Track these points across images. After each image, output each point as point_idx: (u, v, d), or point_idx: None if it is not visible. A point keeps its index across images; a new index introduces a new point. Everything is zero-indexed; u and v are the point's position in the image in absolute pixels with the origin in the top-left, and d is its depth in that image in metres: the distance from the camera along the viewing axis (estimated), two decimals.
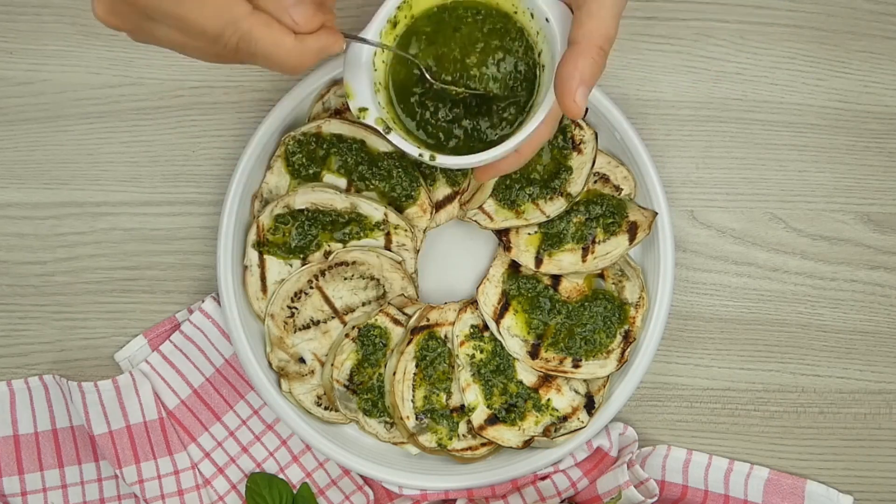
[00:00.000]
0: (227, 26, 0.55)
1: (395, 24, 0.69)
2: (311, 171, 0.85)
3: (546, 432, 0.84)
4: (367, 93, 0.67)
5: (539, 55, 0.69)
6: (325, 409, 0.86)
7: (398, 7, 0.68)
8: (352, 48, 0.67)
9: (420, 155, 0.68)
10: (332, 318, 0.85)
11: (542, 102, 0.66)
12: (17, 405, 0.88)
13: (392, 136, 0.67)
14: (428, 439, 0.84)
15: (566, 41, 0.64)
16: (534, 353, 0.84)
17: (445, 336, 0.85)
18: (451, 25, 0.70)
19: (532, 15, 0.68)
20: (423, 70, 0.69)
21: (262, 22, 0.56)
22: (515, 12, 0.69)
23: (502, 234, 0.86)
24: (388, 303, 0.85)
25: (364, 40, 0.66)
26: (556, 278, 0.85)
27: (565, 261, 0.85)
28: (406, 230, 0.85)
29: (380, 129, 0.67)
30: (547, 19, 0.66)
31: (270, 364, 0.86)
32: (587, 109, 0.67)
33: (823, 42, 0.89)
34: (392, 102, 0.71)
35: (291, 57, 0.58)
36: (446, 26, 0.70)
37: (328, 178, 0.85)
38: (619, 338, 0.85)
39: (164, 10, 0.55)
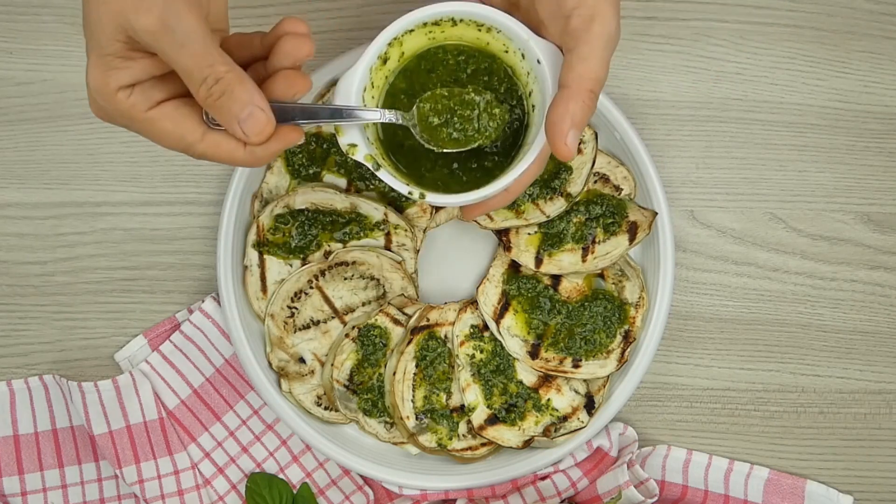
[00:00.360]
0: (185, 150, 0.61)
1: (385, 61, 0.69)
2: (311, 171, 0.85)
3: (546, 432, 0.84)
4: (355, 129, 0.67)
5: (529, 94, 0.69)
6: (325, 409, 0.86)
7: (389, 43, 0.68)
8: (340, 84, 0.67)
9: (409, 193, 0.68)
10: (332, 318, 0.85)
11: (534, 142, 0.66)
12: (17, 405, 0.88)
13: (381, 174, 0.67)
14: (428, 439, 0.84)
15: (557, 82, 0.65)
16: (534, 353, 0.84)
17: (445, 336, 0.85)
18: (435, 66, 0.71)
19: (523, 55, 0.68)
20: (414, 132, 0.70)
21: (211, 145, 0.61)
22: (506, 52, 0.69)
23: (502, 234, 0.86)
24: (388, 303, 0.85)
25: (340, 110, 0.66)
26: (556, 278, 0.85)
27: (565, 261, 0.85)
28: (406, 230, 0.85)
29: (369, 165, 0.67)
30: (538, 61, 0.66)
31: (270, 364, 0.86)
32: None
33: (823, 42, 0.89)
34: (380, 139, 0.71)
35: (247, 163, 0.62)
36: (432, 67, 0.70)
37: (328, 178, 0.86)
38: (619, 338, 0.85)
39: (136, 131, 0.61)
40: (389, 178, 0.68)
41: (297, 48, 0.63)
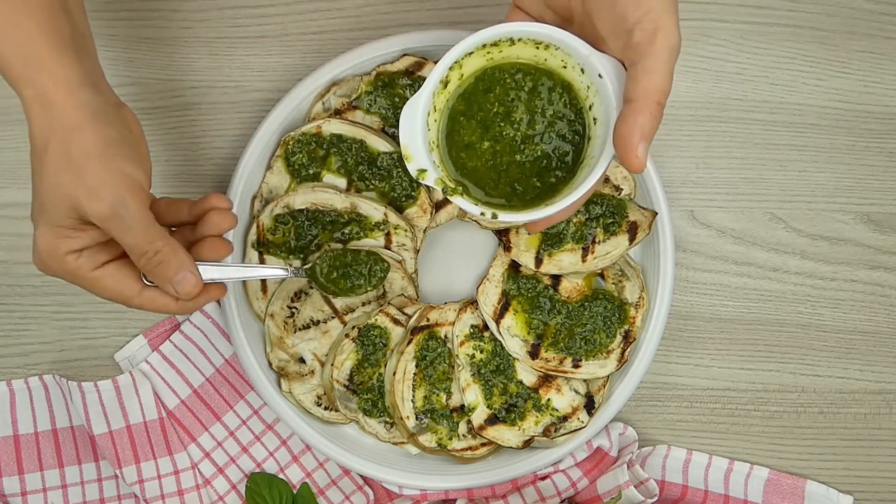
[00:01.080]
0: (124, 303, 0.70)
1: (445, 84, 0.70)
2: (311, 171, 0.85)
3: (546, 432, 0.84)
4: (423, 153, 0.69)
5: (590, 108, 0.70)
6: (325, 409, 0.86)
7: (449, 68, 0.69)
8: (405, 111, 0.69)
9: (482, 214, 0.69)
10: (332, 318, 0.85)
11: (601, 157, 0.66)
12: (17, 405, 0.88)
13: (455, 198, 0.69)
14: (428, 439, 0.84)
15: (620, 95, 0.65)
16: (534, 353, 0.84)
17: (445, 336, 0.85)
18: (492, 86, 0.71)
19: (582, 70, 0.68)
20: (317, 286, 0.78)
21: (148, 300, 0.70)
22: (564, 67, 0.69)
23: (502, 234, 0.86)
24: (388, 303, 0.85)
25: (253, 268, 0.77)
26: (556, 278, 0.85)
27: (565, 261, 0.85)
28: (406, 230, 0.85)
29: (439, 189, 0.68)
30: (600, 75, 0.66)
31: (270, 364, 0.86)
32: None
33: (823, 42, 0.89)
34: (443, 161, 0.72)
35: (178, 313, 0.74)
36: (490, 86, 0.71)
37: (328, 178, 0.85)
38: (619, 338, 0.85)
39: (79, 286, 0.69)
40: (462, 201, 0.69)
41: (222, 221, 0.73)
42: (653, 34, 0.62)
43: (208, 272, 0.72)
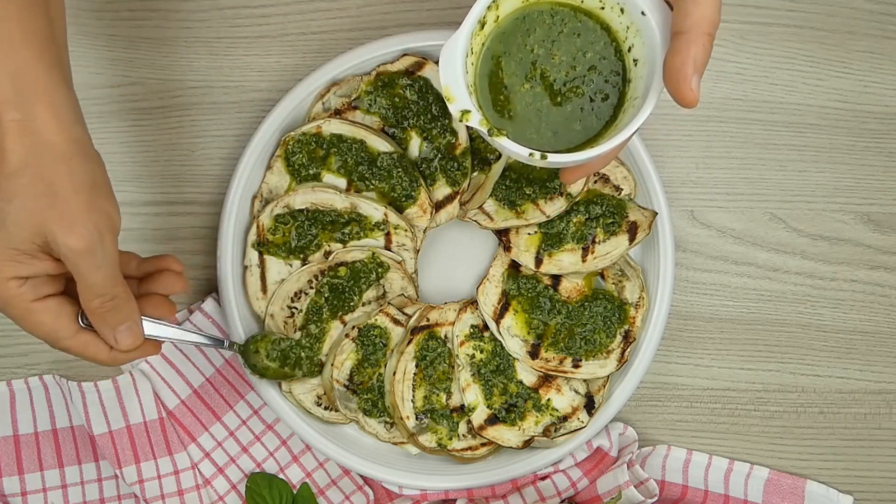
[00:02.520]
0: (52, 343, 0.67)
1: (483, 25, 0.69)
2: (311, 171, 0.85)
3: (546, 432, 0.84)
4: (465, 95, 0.67)
5: (629, 50, 0.69)
6: (325, 409, 0.86)
7: (487, 7, 0.68)
8: (444, 52, 0.67)
9: (531, 155, 0.67)
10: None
11: (648, 96, 0.65)
12: (17, 405, 0.88)
13: (499, 139, 0.67)
14: (428, 439, 0.84)
15: (665, 32, 0.65)
16: (534, 353, 0.84)
17: (445, 336, 0.85)
18: (531, 27, 0.70)
19: (622, 10, 0.68)
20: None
21: (81, 344, 0.67)
22: (602, 8, 0.69)
23: (502, 234, 0.86)
24: (388, 303, 0.85)
25: (193, 333, 0.76)
26: (556, 278, 0.85)
27: (565, 261, 0.85)
28: (406, 230, 0.85)
29: (483, 130, 0.67)
30: (643, 13, 0.66)
31: None
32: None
33: (823, 42, 0.89)
34: (482, 106, 0.70)
35: (105, 364, 0.70)
36: (528, 28, 0.70)
37: (328, 178, 0.85)
38: (619, 338, 0.85)
39: (8, 315, 0.67)
40: (508, 142, 0.67)
41: (175, 283, 0.74)
42: None
43: (148, 328, 0.71)
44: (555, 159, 0.67)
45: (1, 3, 0.62)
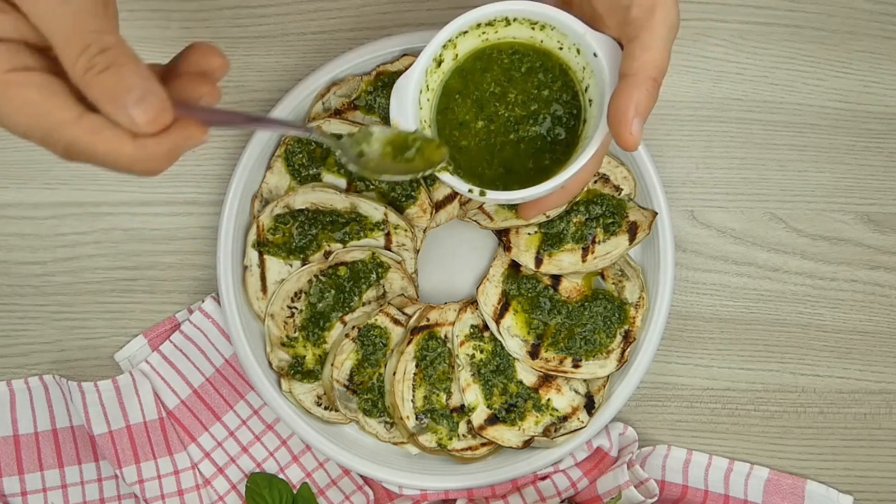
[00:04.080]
0: (49, 134, 0.47)
1: (439, 63, 0.70)
2: (311, 171, 0.85)
3: (546, 432, 0.84)
4: (412, 129, 0.68)
5: (585, 90, 0.69)
6: (325, 409, 0.86)
7: (443, 46, 0.69)
8: (397, 87, 0.67)
9: (470, 191, 0.68)
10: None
11: (593, 136, 0.66)
12: (17, 405, 0.88)
13: (441, 175, 0.68)
14: (428, 439, 0.84)
15: (616, 75, 0.65)
16: (534, 353, 0.84)
17: (445, 336, 0.85)
18: (489, 66, 0.71)
19: (578, 51, 0.68)
20: (332, 149, 0.65)
21: (88, 129, 0.47)
22: (560, 48, 0.69)
23: (502, 234, 0.86)
24: (388, 303, 0.85)
25: (257, 119, 0.59)
26: (556, 278, 0.85)
27: (565, 261, 0.85)
28: (406, 230, 0.85)
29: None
30: (595, 54, 0.66)
31: (270, 364, 0.86)
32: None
33: (823, 42, 0.89)
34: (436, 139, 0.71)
35: (134, 165, 0.48)
36: (487, 66, 0.71)
37: (328, 178, 0.86)
38: (619, 338, 0.85)
39: None
40: (449, 178, 0.68)
41: (208, 57, 0.53)
42: (651, 10, 0.62)
43: (188, 111, 0.50)
44: (493, 196, 0.68)
45: None
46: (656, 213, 0.84)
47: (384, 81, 0.85)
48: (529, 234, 0.85)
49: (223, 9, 0.89)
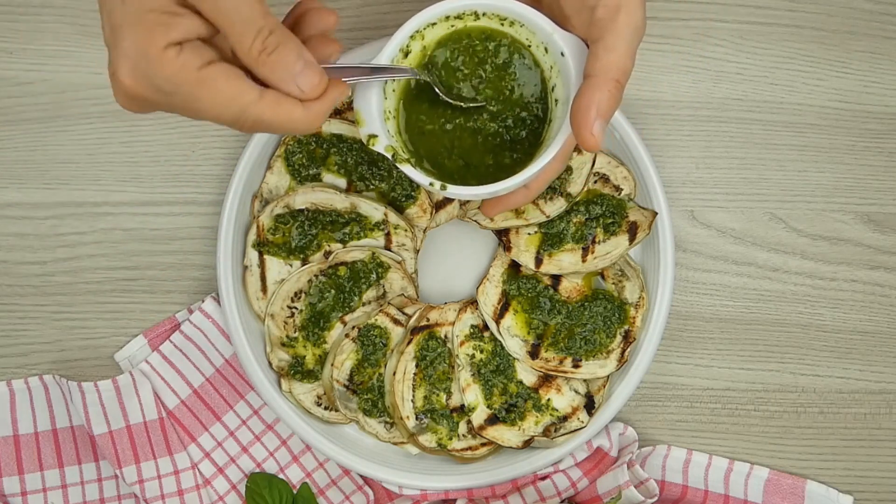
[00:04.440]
0: (240, 115, 0.56)
1: (406, 54, 0.69)
2: (311, 171, 0.85)
3: (546, 432, 0.84)
4: (377, 120, 0.67)
5: (552, 89, 0.69)
6: (325, 409, 0.86)
7: (410, 36, 0.68)
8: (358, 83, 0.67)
9: (431, 184, 0.67)
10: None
11: (556, 136, 0.66)
12: (17, 405, 0.88)
13: (402, 166, 0.67)
14: (428, 439, 0.84)
15: (581, 75, 0.65)
16: (534, 353, 0.84)
17: (445, 336, 0.85)
18: (453, 57, 0.71)
19: (546, 49, 0.68)
20: (433, 84, 0.69)
21: (270, 104, 0.56)
22: (529, 45, 0.69)
23: (502, 234, 0.86)
24: (388, 303, 0.85)
25: (377, 69, 0.65)
26: (556, 278, 0.85)
27: (565, 261, 0.85)
28: (406, 230, 0.85)
29: (389, 156, 0.67)
30: (562, 53, 0.66)
31: (270, 364, 0.86)
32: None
33: (823, 42, 0.89)
34: (401, 131, 0.71)
35: (303, 125, 0.58)
36: (460, 55, 0.70)
37: (328, 178, 0.86)
38: (619, 338, 0.85)
39: (179, 108, 0.57)
40: (410, 170, 0.67)
41: (323, 18, 0.62)
42: (615, 11, 0.62)
43: (330, 71, 0.60)
44: (454, 191, 0.67)
45: None
46: (656, 213, 0.84)
47: None
48: (529, 234, 0.85)
49: None
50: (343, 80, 0.61)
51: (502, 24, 0.69)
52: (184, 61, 0.54)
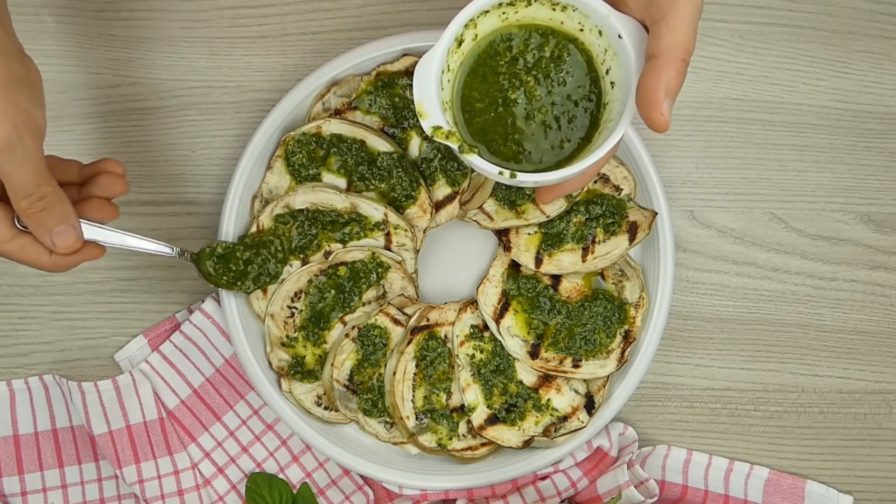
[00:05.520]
0: None
1: (460, 43, 0.69)
2: (311, 171, 0.85)
3: (546, 432, 0.84)
4: (438, 111, 0.67)
5: (607, 73, 0.69)
6: (325, 409, 0.86)
7: (465, 25, 0.68)
8: (419, 69, 0.67)
9: (500, 173, 0.67)
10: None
11: (621, 119, 0.65)
12: (17, 405, 0.88)
13: (469, 156, 0.67)
14: (428, 439, 0.84)
15: (641, 56, 0.65)
16: (534, 353, 0.84)
17: (445, 336, 0.85)
18: (506, 48, 0.71)
19: (601, 32, 0.68)
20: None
21: (20, 247, 0.66)
22: (581, 30, 0.69)
23: (502, 234, 0.86)
24: (388, 303, 0.85)
25: (138, 239, 0.76)
26: (556, 278, 0.85)
27: (565, 261, 0.85)
28: (406, 230, 0.85)
29: (455, 147, 0.67)
30: (619, 36, 0.66)
31: (270, 364, 0.86)
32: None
33: (823, 42, 0.89)
34: (457, 122, 0.70)
35: (49, 269, 0.69)
36: (504, 47, 0.70)
37: (328, 178, 0.85)
38: (619, 338, 0.85)
39: None
40: (477, 159, 0.67)
41: (113, 185, 0.72)
42: None
43: (89, 232, 0.70)
44: (524, 178, 0.67)
45: None
46: (656, 213, 0.84)
47: (384, 81, 0.85)
48: (529, 234, 0.85)
49: (223, 9, 0.89)
50: (102, 243, 0.71)
51: (553, 10, 0.68)
52: None
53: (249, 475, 0.89)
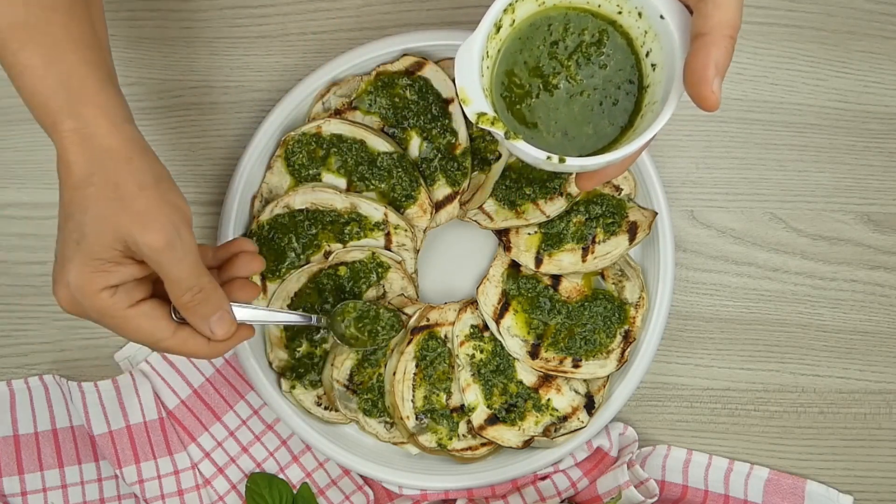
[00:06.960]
0: (154, 345, 0.67)
1: (498, 29, 0.69)
2: (311, 171, 0.85)
3: (546, 432, 0.84)
4: (481, 98, 0.66)
5: (647, 55, 0.69)
6: (325, 409, 0.86)
7: (504, 10, 0.68)
8: (459, 56, 0.66)
9: (548, 158, 0.66)
10: None
11: (669, 99, 0.65)
12: (17, 405, 0.88)
13: (515, 142, 0.66)
14: (428, 439, 0.84)
15: (685, 36, 0.64)
16: (534, 353, 0.84)
17: (445, 336, 0.85)
18: (544, 32, 0.70)
19: (640, 14, 0.67)
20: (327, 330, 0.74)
21: (179, 342, 0.68)
22: (619, 12, 0.68)
23: (502, 234, 0.86)
24: (389, 303, 0.85)
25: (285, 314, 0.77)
26: (556, 278, 0.85)
27: (565, 261, 0.85)
28: (406, 230, 0.85)
29: (500, 133, 0.66)
30: (661, 16, 0.65)
31: (270, 364, 0.86)
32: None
33: (823, 42, 0.89)
34: (497, 109, 0.70)
35: (206, 357, 0.70)
36: (540, 34, 0.70)
37: (328, 178, 0.86)
38: (619, 338, 0.85)
39: (107, 327, 0.67)
40: (524, 145, 0.66)
41: (252, 263, 0.73)
42: None
43: (240, 313, 0.71)
44: (573, 163, 0.66)
45: (45, 11, 0.63)
46: (656, 213, 0.84)
47: (384, 81, 0.85)
48: (529, 234, 0.85)
49: (223, 9, 0.89)
50: (252, 322, 0.72)
51: None
52: (114, 302, 0.64)
53: (249, 475, 0.89)
